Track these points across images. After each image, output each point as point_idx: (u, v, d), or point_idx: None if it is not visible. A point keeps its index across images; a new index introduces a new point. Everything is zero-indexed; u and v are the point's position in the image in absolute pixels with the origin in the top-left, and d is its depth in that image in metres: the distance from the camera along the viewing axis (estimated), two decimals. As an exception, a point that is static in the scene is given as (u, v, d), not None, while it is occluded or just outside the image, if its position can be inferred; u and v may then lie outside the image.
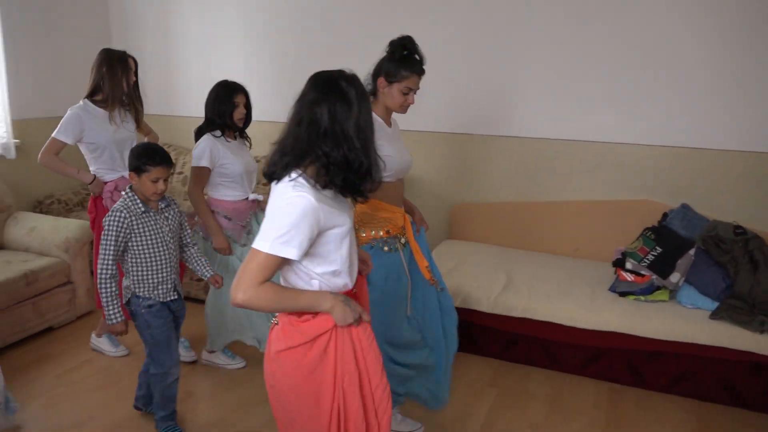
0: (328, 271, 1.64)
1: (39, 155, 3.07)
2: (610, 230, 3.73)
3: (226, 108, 2.96)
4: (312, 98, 1.58)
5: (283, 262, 1.57)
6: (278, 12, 4.35)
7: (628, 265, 3.29)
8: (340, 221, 1.61)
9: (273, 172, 1.61)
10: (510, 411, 2.95)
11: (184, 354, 3.25)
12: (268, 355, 1.71)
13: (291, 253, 1.52)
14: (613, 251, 3.53)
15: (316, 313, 1.63)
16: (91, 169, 3.17)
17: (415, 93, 2.39)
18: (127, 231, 2.41)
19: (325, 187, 1.59)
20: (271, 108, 4.18)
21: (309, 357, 1.64)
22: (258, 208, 3.16)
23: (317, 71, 1.66)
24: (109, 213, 2.42)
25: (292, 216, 1.52)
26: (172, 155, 4.65)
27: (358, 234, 2.40)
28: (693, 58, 3.44)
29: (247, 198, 3.09)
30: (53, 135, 3.06)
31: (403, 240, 2.49)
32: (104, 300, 2.41)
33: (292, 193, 1.54)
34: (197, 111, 4.57)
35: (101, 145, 3.10)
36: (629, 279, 3.26)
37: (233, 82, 3.03)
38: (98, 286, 2.40)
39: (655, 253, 3.25)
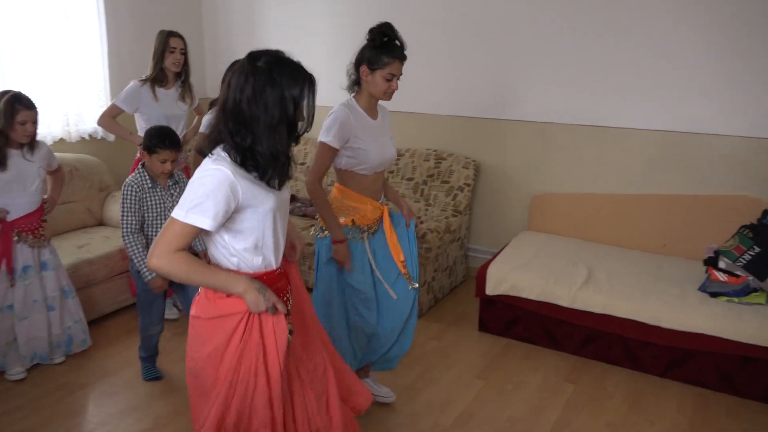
0: (248, 247, 1.64)
1: (98, 117, 3.48)
2: (702, 226, 3.53)
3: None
4: (235, 80, 1.60)
5: (199, 232, 1.57)
6: (362, 2, 4.39)
7: (722, 264, 3.09)
8: (260, 199, 1.61)
9: (202, 149, 1.65)
10: (586, 408, 2.86)
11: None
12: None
13: (204, 222, 1.54)
14: (704, 249, 3.33)
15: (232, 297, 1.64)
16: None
17: (398, 78, 2.37)
18: (141, 202, 2.67)
19: (241, 165, 1.59)
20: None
21: (217, 333, 1.65)
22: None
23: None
24: (124, 186, 2.68)
25: (206, 187, 1.54)
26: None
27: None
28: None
29: None
30: (113, 101, 3.45)
31: (371, 230, 2.52)
32: (137, 261, 2.67)
33: (210, 165, 1.57)
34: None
35: (152, 118, 3.38)
36: (722, 279, 3.07)
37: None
38: (127, 249, 2.68)
39: (753, 253, 3.04)
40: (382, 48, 2.31)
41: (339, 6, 4.49)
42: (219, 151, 1.61)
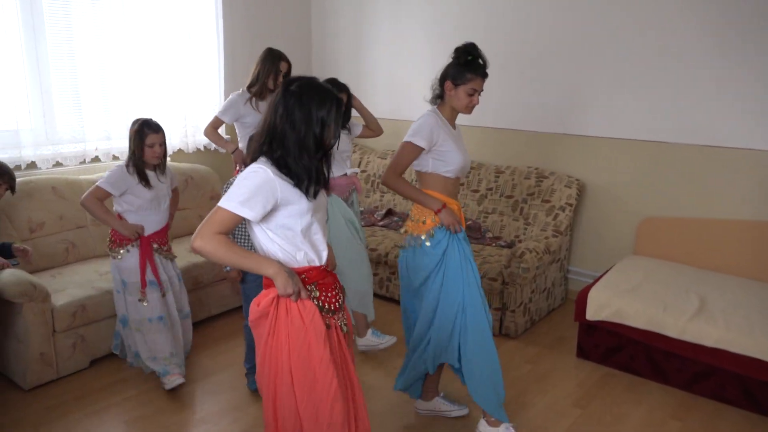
0: (289, 242, 1.82)
1: (204, 129, 3.71)
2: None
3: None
4: (274, 101, 1.82)
5: (240, 220, 1.75)
6: (465, 18, 4.39)
7: None
8: (297, 199, 1.79)
9: (245, 160, 1.88)
10: (695, 449, 2.66)
11: None
12: None
13: (247, 213, 1.73)
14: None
15: (266, 289, 1.84)
16: (240, 144, 3.73)
17: (479, 94, 2.50)
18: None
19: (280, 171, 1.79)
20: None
21: (265, 325, 1.85)
22: (356, 185, 3.42)
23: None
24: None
25: (251, 183, 1.75)
26: (356, 155, 4.97)
27: (419, 224, 2.54)
28: None
29: (345, 174, 3.33)
30: (216, 114, 3.68)
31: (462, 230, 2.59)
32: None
33: (254, 166, 1.78)
34: (382, 112, 4.83)
35: (251, 126, 3.55)
36: None
37: (339, 82, 3.25)
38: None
39: None
40: (466, 65, 2.46)
41: (441, 29, 4.53)
42: (261, 159, 1.81)
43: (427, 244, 2.53)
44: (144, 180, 2.91)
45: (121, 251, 2.94)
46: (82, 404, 2.90)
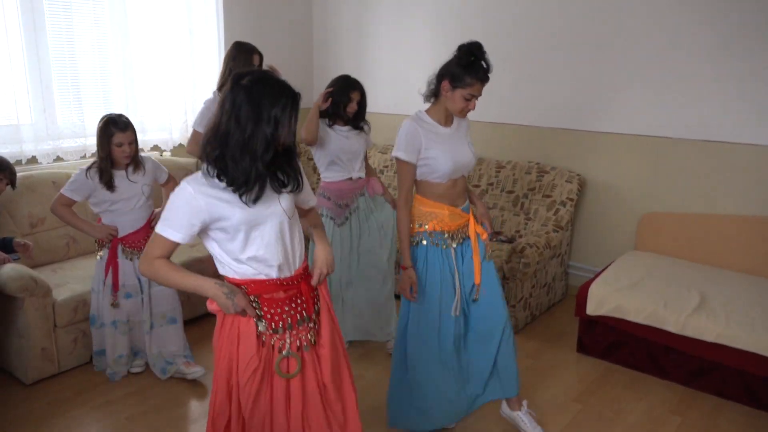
0: (233, 257, 1.75)
1: (187, 146, 3.53)
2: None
3: (341, 100, 3.09)
4: (222, 98, 1.69)
5: (173, 243, 1.70)
6: (467, 12, 4.38)
7: None
8: (226, 214, 1.68)
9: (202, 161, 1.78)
10: (695, 445, 2.67)
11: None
12: None
13: (171, 234, 1.69)
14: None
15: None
16: None
17: (476, 99, 2.35)
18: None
19: (218, 177, 1.68)
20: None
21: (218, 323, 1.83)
22: (364, 187, 3.26)
23: None
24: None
25: (173, 203, 1.70)
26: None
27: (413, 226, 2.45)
28: None
29: (350, 178, 3.19)
30: (193, 126, 3.42)
31: (456, 238, 2.47)
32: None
33: (182, 183, 1.71)
34: (384, 107, 4.82)
35: None
36: None
37: (353, 79, 3.14)
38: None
39: None
40: (468, 68, 2.31)
41: (443, 25, 4.51)
42: (200, 169, 1.72)
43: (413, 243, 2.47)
44: (106, 183, 2.80)
45: (100, 253, 2.96)
46: (83, 399, 2.91)
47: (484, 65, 2.33)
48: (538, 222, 4.01)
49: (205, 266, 3.66)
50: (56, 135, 3.77)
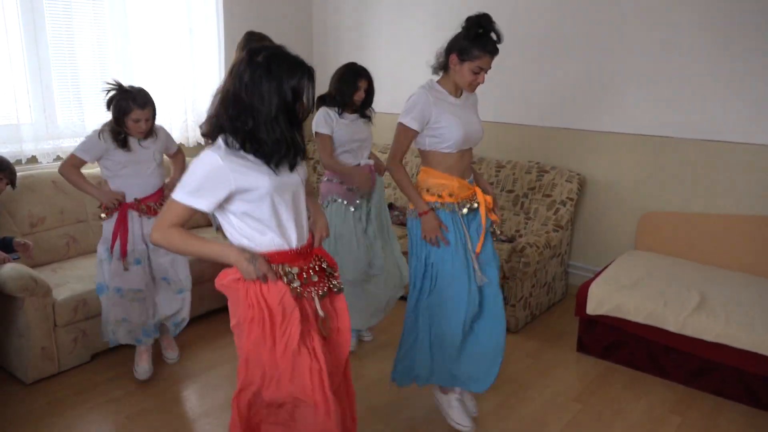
0: (254, 227, 1.75)
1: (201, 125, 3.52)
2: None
3: (348, 89, 3.12)
4: (236, 71, 1.70)
5: (193, 212, 1.70)
6: (466, 10, 4.36)
7: None
8: (254, 183, 1.69)
9: (205, 134, 1.80)
10: (695, 444, 2.67)
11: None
12: None
13: (196, 203, 1.68)
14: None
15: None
16: None
17: (486, 72, 2.32)
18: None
19: (243, 149, 1.69)
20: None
21: (235, 296, 1.80)
22: (371, 174, 3.27)
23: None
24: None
25: (200, 171, 1.68)
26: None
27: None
28: None
29: (359, 164, 3.22)
30: (208, 115, 3.47)
31: (465, 209, 2.47)
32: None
33: (205, 152, 1.70)
34: (384, 106, 4.81)
35: None
36: None
37: (360, 66, 3.16)
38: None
39: None
40: (476, 40, 2.28)
41: (443, 24, 4.51)
42: (219, 142, 1.72)
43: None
44: (120, 142, 2.78)
45: (103, 215, 2.91)
46: (83, 398, 2.91)
47: (494, 37, 2.30)
48: (538, 221, 4.00)
49: (205, 266, 3.66)
50: (56, 134, 3.77)
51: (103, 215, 2.90)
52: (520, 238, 3.94)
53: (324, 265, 1.90)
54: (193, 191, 1.68)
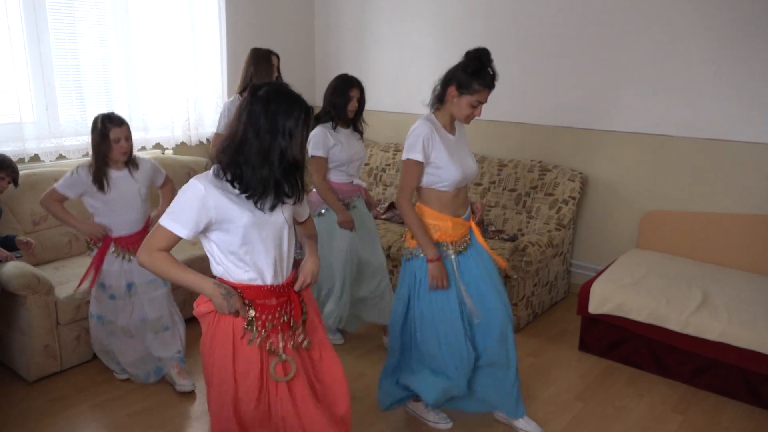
0: (231, 259, 1.77)
1: (210, 150, 3.60)
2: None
3: (341, 100, 3.10)
4: (240, 106, 1.73)
5: (176, 237, 1.72)
6: (468, 11, 4.37)
7: None
8: (233, 216, 1.71)
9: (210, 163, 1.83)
10: (697, 443, 2.66)
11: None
12: None
13: (177, 228, 1.70)
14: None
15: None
16: None
17: (482, 106, 2.34)
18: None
19: (231, 183, 1.72)
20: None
21: (205, 327, 1.84)
22: (361, 193, 3.28)
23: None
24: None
25: (184, 198, 1.71)
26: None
27: (409, 239, 2.47)
28: None
29: (351, 183, 3.24)
30: (216, 131, 3.57)
31: (458, 248, 2.46)
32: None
33: (192, 180, 1.73)
34: (388, 106, 4.82)
35: None
36: None
37: (351, 76, 3.15)
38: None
39: None
40: (476, 74, 2.29)
41: (444, 23, 4.51)
42: (211, 169, 1.76)
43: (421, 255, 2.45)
44: (98, 183, 2.74)
45: (90, 248, 2.90)
46: (85, 396, 2.91)
47: (491, 72, 2.31)
48: (541, 220, 4.00)
49: (207, 265, 3.66)
50: (58, 133, 3.77)
51: (90, 248, 2.89)
52: (522, 236, 3.94)
53: (293, 320, 1.87)
54: (175, 217, 1.71)
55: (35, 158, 3.71)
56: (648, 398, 2.99)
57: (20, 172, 3.14)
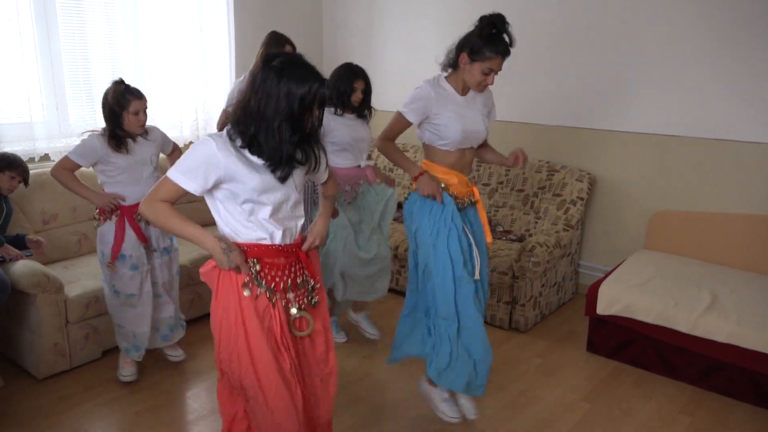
0: (237, 218, 1.77)
1: (216, 125, 3.68)
2: None
3: (345, 89, 3.12)
4: (254, 72, 1.72)
5: (183, 192, 1.72)
6: (475, 8, 4.35)
7: None
8: (243, 177, 1.70)
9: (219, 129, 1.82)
10: (705, 445, 2.65)
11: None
12: None
13: (184, 182, 1.70)
14: None
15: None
16: None
17: (496, 74, 2.29)
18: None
19: (245, 145, 1.72)
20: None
21: (211, 284, 1.84)
22: (369, 175, 3.27)
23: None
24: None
25: (195, 154, 1.71)
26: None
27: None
28: None
29: (358, 166, 3.23)
30: (224, 107, 3.55)
31: (460, 204, 2.47)
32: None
33: (204, 138, 1.73)
34: (393, 104, 4.80)
35: None
36: None
37: (356, 66, 3.14)
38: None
39: None
40: (488, 40, 2.24)
41: (452, 23, 4.50)
42: (225, 130, 1.76)
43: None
44: (115, 144, 2.72)
45: (102, 224, 2.83)
46: (93, 394, 2.94)
47: (506, 38, 2.26)
48: (548, 221, 3.99)
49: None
50: (68, 133, 3.80)
51: (99, 220, 2.83)
52: (529, 237, 3.93)
53: (303, 279, 1.90)
54: (185, 171, 1.71)
55: (45, 158, 3.74)
56: (656, 400, 2.98)
57: (30, 172, 3.17)
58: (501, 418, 2.78)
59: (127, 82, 2.81)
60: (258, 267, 1.80)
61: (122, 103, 2.71)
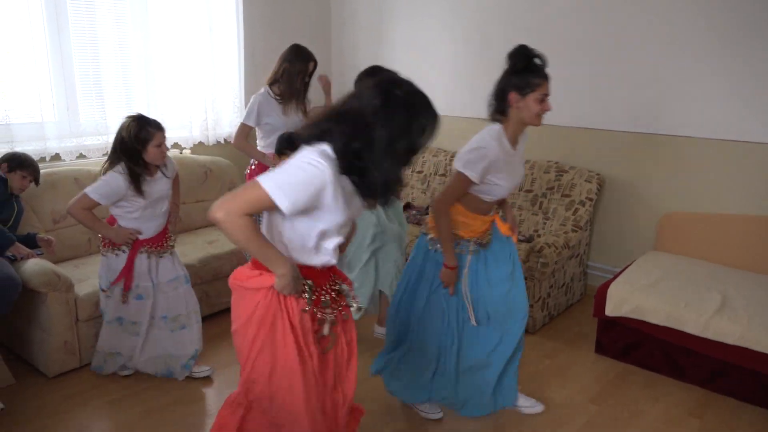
0: (301, 241, 1.70)
1: (233, 140, 3.64)
2: None
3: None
4: (368, 94, 1.62)
5: (273, 207, 1.58)
6: (484, 10, 4.35)
7: None
8: (336, 212, 1.64)
9: (297, 137, 1.70)
10: (714, 448, 2.63)
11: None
12: None
13: (283, 203, 1.56)
14: None
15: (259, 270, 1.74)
16: (259, 145, 3.62)
17: (548, 99, 2.30)
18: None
19: (343, 172, 1.62)
20: (471, 105, 4.23)
21: (246, 304, 1.77)
22: None
23: (386, 75, 1.72)
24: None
25: (304, 175, 1.56)
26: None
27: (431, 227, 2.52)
28: None
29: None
30: (242, 121, 3.54)
31: (480, 243, 2.51)
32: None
33: (317, 158, 1.57)
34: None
35: (275, 127, 3.47)
36: None
37: (382, 68, 3.05)
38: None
39: None
40: (528, 70, 2.26)
41: (461, 24, 4.49)
42: (326, 148, 1.61)
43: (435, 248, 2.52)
44: (139, 189, 2.71)
45: (111, 254, 2.85)
46: (102, 392, 2.95)
47: (540, 62, 2.28)
48: (557, 221, 3.98)
49: (223, 263, 3.70)
50: (79, 132, 3.83)
51: (112, 254, 2.84)
52: (538, 237, 3.92)
53: (338, 288, 1.90)
54: (283, 185, 1.56)
55: (56, 157, 3.77)
56: (664, 402, 2.96)
57: (41, 171, 3.20)
58: (509, 419, 2.77)
59: (135, 111, 2.80)
60: (310, 282, 1.77)
61: (145, 137, 2.66)
